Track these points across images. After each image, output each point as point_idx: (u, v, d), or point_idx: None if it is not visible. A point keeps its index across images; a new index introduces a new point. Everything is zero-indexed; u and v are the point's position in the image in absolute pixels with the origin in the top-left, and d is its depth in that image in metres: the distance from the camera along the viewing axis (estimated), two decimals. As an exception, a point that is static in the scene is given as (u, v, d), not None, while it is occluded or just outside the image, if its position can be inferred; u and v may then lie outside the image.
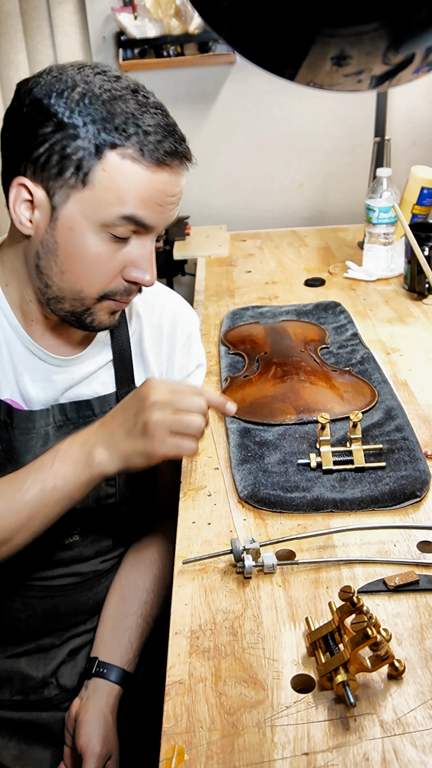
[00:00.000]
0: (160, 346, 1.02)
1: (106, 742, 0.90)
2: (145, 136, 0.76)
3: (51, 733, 0.99)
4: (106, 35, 2.12)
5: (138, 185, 0.77)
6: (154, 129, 0.77)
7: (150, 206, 0.79)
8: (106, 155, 0.76)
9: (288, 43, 0.53)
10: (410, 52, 0.51)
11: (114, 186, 0.77)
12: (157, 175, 0.78)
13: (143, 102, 0.78)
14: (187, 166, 0.82)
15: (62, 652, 1.02)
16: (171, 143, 0.78)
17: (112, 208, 0.78)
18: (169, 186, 0.80)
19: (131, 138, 0.76)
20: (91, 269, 0.81)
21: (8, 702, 0.99)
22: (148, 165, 0.77)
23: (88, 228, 0.79)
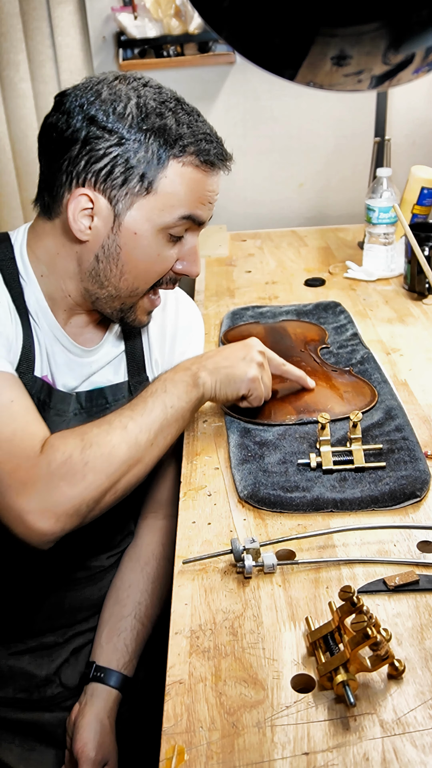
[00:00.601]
0: (163, 340, 1.05)
1: (101, 748, 0.90)
2: (199, 144, 0.86)
3: (53, 734, 0.99)
4: (106, 35, 2.12)
5: (195, 188, 0.87)
6: (205, 137, 0.86)
7: (204, 204, 0.88)
8: (168, 164, 0.84)
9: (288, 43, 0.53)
10: (410, 52, 0.51)
11: (175, 191, 0.85)
12: (210, 177, 0.88)
13: (189, 111, 0.88)
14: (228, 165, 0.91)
15: (65, 651, 1.02)
16: (220, 148, 0.88)
17: (174, 210, 0.86)
18: (217, 184, 0.90)
19: (189, 147, 0.85)
20: (151, 269, 0.89)
21: (11, 700, 0.99)
22: (204, 170, 0.87)
23: (150, 231, 0.86)
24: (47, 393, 0.92)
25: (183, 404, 0.90)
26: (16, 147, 2.18)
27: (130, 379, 1.01)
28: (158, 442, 0.87)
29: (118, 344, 1.01)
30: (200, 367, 0.93)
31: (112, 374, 1.00)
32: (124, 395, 0.99)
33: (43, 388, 0.92)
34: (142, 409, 0.87)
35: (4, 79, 2.11)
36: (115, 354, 1.00)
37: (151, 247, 0.87)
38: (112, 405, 0.98)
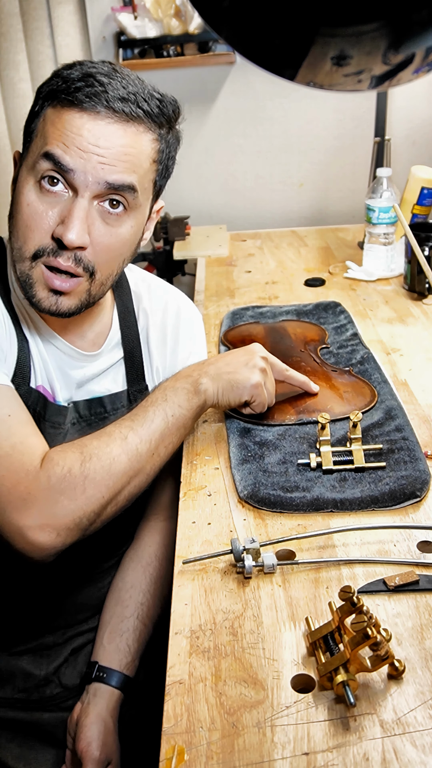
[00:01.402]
0: (164, 343, 1.03)
1: (105, 748, 0.90)
2: (67, 82, 0.79)
3: (53, 734, 0.99)
4: (106, 35, 2.12)
5: (57, 124, 0.79)
6: (79, 75, 0.79)
7: (69, 146, 0.78)
8: (46, 108, 0.81)
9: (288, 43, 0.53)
10: (410, 52, 0.51)
11: (44, 131, 0.80)
12: (73, 116, 0.78)
13: (102, 65, 0.81)
14: (130, 122, 0.80)
15: (64, 651, 1.02)
16: (97, 90, 0.78)
17: (38, 149, 0.80)
18: (94, 133, 0.78)
19: (65, 83, 0.79)
20: (25, 221, 0.81)
21: (10, 700, 0.99)
22: (65, 106, 0.79)
23: (26, 178, 0.81)
24: (42, 405, 0.91)
25: (184, 412, 0.89)
26: (16, 147, 2.18)
27: (129, 388, 1.00)
28: (160, 452, 0.87)
29: (116, 351, 1.00)
30: (201, 373, 0.92)
31: (111, 383, 0.99)
32: (123, 404, 0.99)
33: (39, 400, 0.91)
34: (142, 419, 0.86)
35: (4, 79, 2.11)
36: (113, 361, 0.99)
37: (24, 195, 0.81)
38: (111, 414, 0.97)
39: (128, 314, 1.00)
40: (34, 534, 0.77)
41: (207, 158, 2.25)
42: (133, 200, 0.83)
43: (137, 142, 0.81)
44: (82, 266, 0.82)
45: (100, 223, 0.82)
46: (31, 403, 0.89)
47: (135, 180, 0.82)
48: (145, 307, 1.02)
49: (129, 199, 0.82)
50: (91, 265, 0.83)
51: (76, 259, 0.82)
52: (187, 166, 2.26)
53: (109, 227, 0.83)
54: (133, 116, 0.80)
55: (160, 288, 1.06)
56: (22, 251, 0.82)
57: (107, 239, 0.83)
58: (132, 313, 1.00)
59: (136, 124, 0.81)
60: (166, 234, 2.06)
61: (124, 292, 1.02)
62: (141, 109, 0.80)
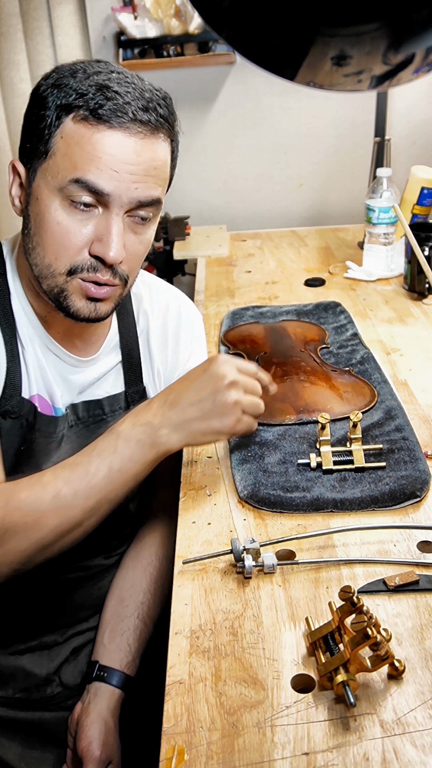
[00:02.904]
0: (166, 344, 1.03)
1: (106, 747, 0.90)
2: (87, 96, 0.76)
3: (54, 733, 0.99)
4: (106, 35, 2.12)
5: (86, 147, 0.77)
6: (97, 88, 0.76)
7: (102, 170, 0.77)
8: (64, 122, 0.78)
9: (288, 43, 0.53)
10: (410, 52, 0.51)
11: (69, 151, 0.78)
12: (101, 134, 0.76)
13: (105, 69, 0.79)
14: (155, 133, 0.79)
15: (65, 650, 1.02)
16: (118, 102, 0.76)
17: (66, 173, 0.78)
18: (124, 150, 0.77)
19: (79, 100, 0.76)
20: (55, 239, 0.80)
21: (11, 700, 0.99)
22: (92, 125, 0.76)
23: (50, 196, 0.79)
24: (34, 415, 0.90)
25: (136, 466, 0.81)
26: (16, 147, 2.18)
27: (126, 390, 0.99)
28: (100, 507, 0.81)
29: (114, 354, 0.99)
30: (163, 422, 0.81)
31: (110, 386, 0.98)
32: (120, 406, 0.98)
33: (30, 411, 0.90)
34: (83, 472, 0.79)
35: (4, 79, 2.11)
36: (112, 364, 0.98)
37: (50, 213, 0.79)
38: (109, 416, 0.97)
39: (127, 316, 1.00)
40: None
41: (207, 158, 2.25)
42: (158, 209, 0.84)
43: (161, 152, 0.81)
44: (119, 277, 0.83)
45: (130, 235, 0.83)
46: (24, 413, 0.89)
47: (161, 192, 0.83)
48: (145, 308, 1.02)
49: (155, 210, 0.84)
50: (125, 274, 0.84)
51: (114, 272, 0.83)
52: (187, 166, 2.26)
53: (138, 236, 0.84)
54: (157, 126, 0.79)
55: (160, 289, 1.06)
56: (53, 268, 0.82)
57: (137, 247, 0.84)
58: (131, 315, 1.00)
59: (158, 132, 0.80)
60: (166, 234, 2.06)
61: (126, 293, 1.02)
62: (161, 117, 0.80)
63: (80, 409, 0.95)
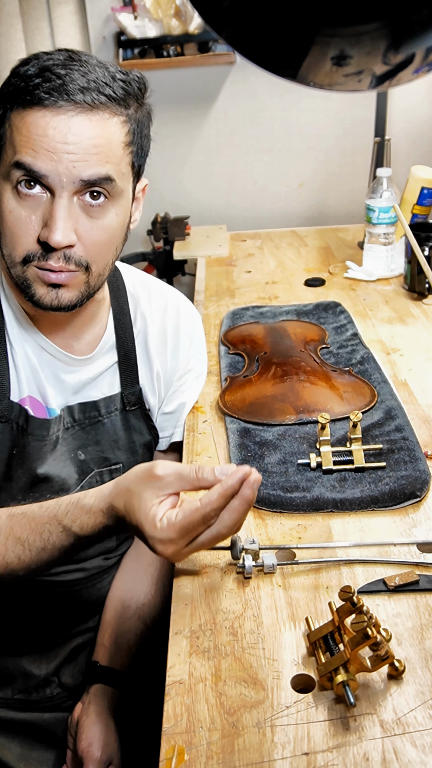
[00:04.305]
0: (165, 346, 1.02)
1: (106, 748, 0.90)
2: (34, 79, 0.75)
3: (53, 733, 0.99)
4: (106, 35, 2.12)
5: (22, 130, 0.76)
6: (35, 69, 0.76)
7: (38, 151, 0.76)
8: (11, 112, 0.78)
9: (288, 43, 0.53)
10: (410, 52, 0.51)
11: (12, 137, 0.78)
12: (36, 116, 0.76)
13: (60, 55, 0.78)
14: (94, 111, 0.77)
15: (64, 651, 1.02)
16: (55, 84, 0.75)
17: (9, 158, 0.78)
18: (57, 128, 0.76)
19: (24, 82, 0.76)
20: (9, 228, 0.80)
21: (10, 701, 0.99)
22: (28, 106, 0.76)
23: (3, 188, 0.79)
24: (25, 419, 0.89)
25: (84, 541, 0.76)
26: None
27: (123, 391, 0.98)
28: (37, 572, 0.80)
29: (110, 354, 0.98)
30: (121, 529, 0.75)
31: (106, 387, 0.97)
32: (116, 407, 0.98)
33: (20, 414, 0.89)
34: (28, 547, 0.77)
35: (4, 79, 2.11)
36: (108, 364, 0.97)
37: (4, 203, 0.79)
38: (104, 417, 0.96)
39: (124, 316, 0.99)
40: None
41: (207, 158, 2.25)
42: (112, 189, 0.81)
43: (105, 130, 0.79)
44: (74, 263, 0.81)
45: (84, 218, 0.81)
46: (13, 417, 0.88)
47: (111, 170, 0.80)
48: (143, 310, 1.01)
49: (108, 189, 0.81)
50: (83, 260, 0.82)
51: (66, 258, 0.81)
52: (187, 166, 2.27)
53: (94, 220, 0.81)
54: (97, 104, 0.77)
55: (159, 291, 1.05)
56: (12, 257, 0.82)
57: (95, 233, 0.82)
58: (128, 316, 1.00)
59: (101, 111, 0.78)
60: (166, 234, 2.06)
61: (121, 293, 1.01)
62: (103, 95, 0.78)
63: (76, 410, 0.94)
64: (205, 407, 1.11)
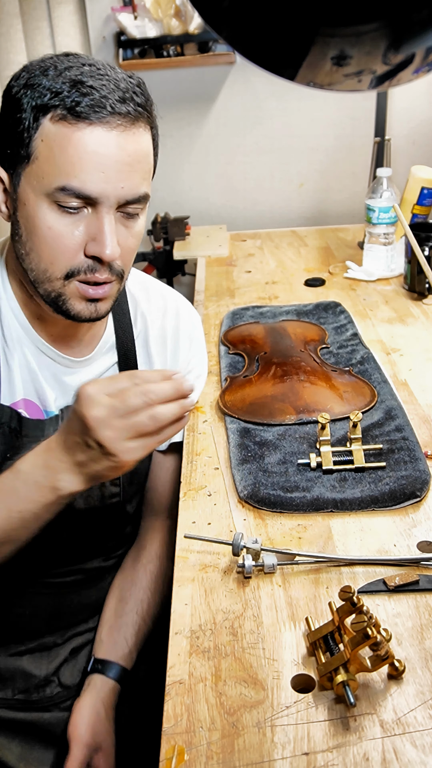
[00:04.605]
0: (165, 347, 1.02)
1: (93, 732, 0.90)
2: (62, 93, 0.73)
3: (53, 733, 0.99)
4: (106, 35, 2.12)
5: (68, 149, 0.74)
6: (71, 83, 0.73)
7: (87, 173, 0.75)
8: (42, 123, 0.75)
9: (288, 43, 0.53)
10: (410, 52, 0.51)
11: (52, 155, 0.75)
12: (84, 133, 0.74)
13: (76, 62, 0.76)
14: (135, 123, 0.77)
15: (64, 651, 1.02)
16: (96, 97, 0.73)
17: (51, 179, 0.76)
18: (106, 145, 0.75)
19: (54, 99, 0.73)
20: (48, 244, 0.79)
21: (10, 701, 0.99)
22: (71, 123, 0.74)
23: (37, 201, 0.77)
24: (17, 421, 0.89)
25: (37, 508, 0.76)
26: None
27: None
28: (2, 550, 0.79)
29: (111, 354, 0.98)
30: (60, 465, 0.75)
31: None
32: None
33: (12, 417, 0.88)
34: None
35: (4, 79, 2.11)
36: (108, 365, 0.97)
37: (39, 218, 0.78)
38: None
39: (123, 316, 0.99)
40: None
41: (207, 158, 2.25)
42: (146, 203, 0.83)
43: (144, 142, 0.80)
44: (116, 273, 0.83)
45: (122, 229, 0.82)
46: (5, 420, 0.87)
47: (146, 187, 0.82)
48: (143, 310, 1.01)
49: (144, 204, 0.83)
50: (121, 269, 0.84)
51: (111, 269, 0.82)
52: (187, 166, 2.26)
53: (129, 230, 0.83)
54: (136, 116, 0.77)
55: (158, 292, 1.05)
56: (49, 272, 0.81)
57: (130, 241, 0.83)
58: (127, 316, 1.00)
59: (139, 123, 0.78)
60: (166, 234, 2.06)
61: (121, 294, 1.01)
62: (138, 105, 0.77)
63: (64, 412, 0.93)
64: (205, 407, 1.11)
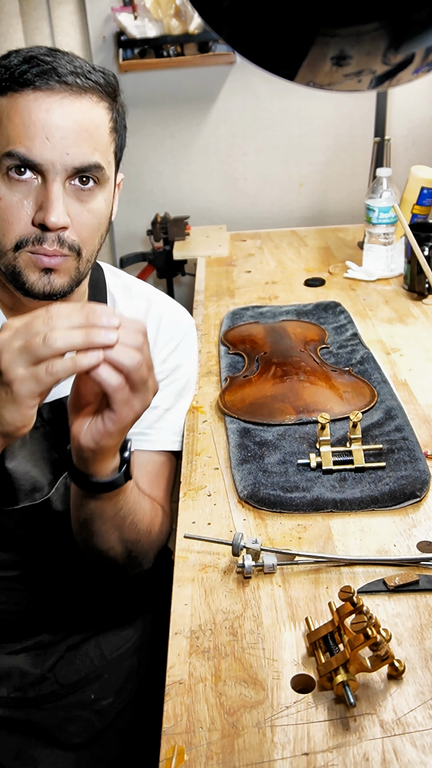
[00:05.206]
0: (153, 350, 1.01)
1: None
2: (20, 65, 0.77)
3: (50, 732, 0.99)
4: (106, 35, 2.12)
5: (14, 117, 0.77)
6: (25, 56, 0.78)
7: (32, 138, 0.77)
8: None
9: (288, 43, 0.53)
10: (410, 52, 0.51)
11: (3, 127, 0.79)
12: (27, 99, 0.77)
13: (41, 49, 0.80)
14: (84, 93, 0.79)
15: (60, 649, 1.02)
16: (44, 68, 0.77)
17: (1, 148, 0.78)
18: (49, 110, 0.77)
19: (8, 71, 0.77)
20: (0, 215, 0.80)
21: (6, 699, 0.99)
22: (19, 90, 0.77)
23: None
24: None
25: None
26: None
27: None
28: None
29: None
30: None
31: None
32: None
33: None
34: None
35: (4, 79, 2.11)
36: None
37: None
38: None
39: None
40: None
41: (207, 158, 2.25)
42: (101, 176, 0.83)
43: (94, 114, 0.81)
44: (67, 246, 0.82)
45: (75, 203, 0.82)
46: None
47: (99, 157, 0.82)
48: (120, 311, 1.00)
49: (97, 175, 0.83)
50: (76, 243, 0.83)
51: (60, 241, 0.81)
52: (187, 166, 2.27)
53: (84, 204, 0.83)
54: (86, 87, 0.80)
55: (144, 295, 1.03)
56: (2, 243, 0.82)
57: (85, 216, 0.83)
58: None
59: (90, 94, 0.80)
60: (166, 234, 2.06)
61: (99, 291, 1.00)
62: (90, 80, 0.80)
63: (46, 410, 0.93)
64: (205, 407, 1.11)
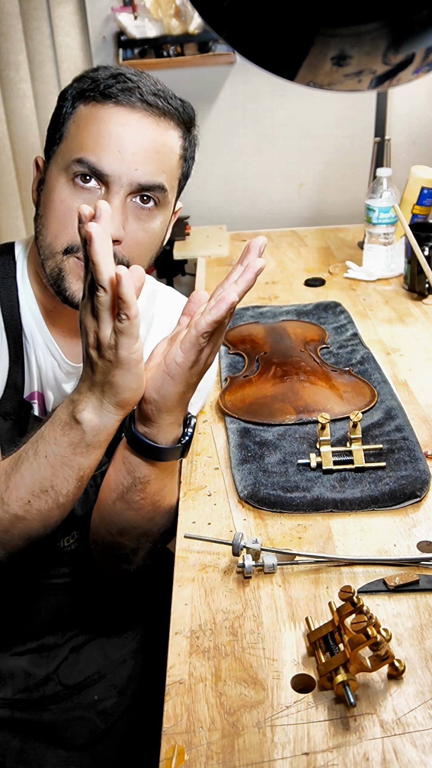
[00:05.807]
0: None
1: None
2: (107, 80, 0.80)
3: (53, 732, 0.99)
4: (106, 35, 2.12)
5: (91, 126, 0.80)
6: (110, 73, 0.81)
7: (105, 149, 0.79)
8: (78, 108, 0.81)
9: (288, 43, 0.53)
10: (410, 52, 0.51)
11: (78, 133, 0.81)
12: (108, 110, 0.80)
13: (128, 69, 0.84)
14: (162, 117, 0.82)
15: (64, 651, 1.02)
16: (129, 86, 0.80)
17: (72, 153, 0.81)
18: (127, 125, 0.80)
19: (95, 83, 0.80)
20: (57, 217, 0.82)
21: (11, 701, 0.99)
22: (102, 102, 0.80)
23: (57, 177, 0.82)
24: (26, 417, 0.90)
25: (61, 450, 0.72)
26: (16, 147, 2.18)
27: None
28: (38, 499, 0.73)
29: None
30: (83, 394, 0.71)
31: None
32: None
33: (27, 413, 0.89)
34: (22, 459, 0.74)
35: (4, 79, 2.11)
36: None
37: (56, 193, 0.81)
38: None
39: None
40: None
41: (207, 158, 2.25)
42: (163, 198, 0.84)
43: (168, 137, 0.83)
44: (117, 261, 0.79)
45: (132, 219, 0.83)
46: (23, 415, 0.88)
47: (164, 180, 0.83)
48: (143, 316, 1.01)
49: (159, 197, 0.84)
50: (125, 260, 0.83)
51: None
52: (187, 166, 2.27)
53: (141, 222, 0.83)
54: (165, 110, 0.82)
55: (165, 296, 1.05)
56: (53, 246, 0.82)
57: (140, 234, 0.84)
58: None
59: (167, 118, 0.83)
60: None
61: None
62: (170, 105, 0.83)
63: None
64: (205, 407, 1.11)
